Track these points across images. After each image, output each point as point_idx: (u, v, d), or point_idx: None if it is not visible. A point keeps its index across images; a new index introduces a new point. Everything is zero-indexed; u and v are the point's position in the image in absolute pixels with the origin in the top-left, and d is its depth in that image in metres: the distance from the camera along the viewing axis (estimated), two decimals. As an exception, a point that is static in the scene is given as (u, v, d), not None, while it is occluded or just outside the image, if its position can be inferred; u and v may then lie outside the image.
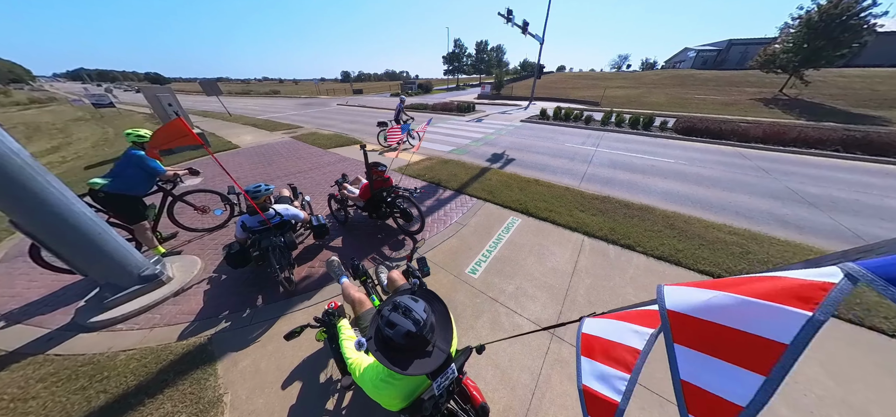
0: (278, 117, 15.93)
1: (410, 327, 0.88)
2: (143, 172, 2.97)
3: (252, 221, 2.59)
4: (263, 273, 2.97)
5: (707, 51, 40.86)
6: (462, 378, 1.24)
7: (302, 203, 3.65)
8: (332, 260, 2.20)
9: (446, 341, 1.00)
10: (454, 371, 1.03)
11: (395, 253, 3.34)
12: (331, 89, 43.98)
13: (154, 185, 3.22)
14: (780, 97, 18.11)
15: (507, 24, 15.14)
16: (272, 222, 2.60)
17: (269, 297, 2.67)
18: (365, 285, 2.00)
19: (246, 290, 2.76)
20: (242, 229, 2.59)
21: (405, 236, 3.63)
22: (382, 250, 3.41)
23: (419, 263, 1.75)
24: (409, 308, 0.91)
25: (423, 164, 6.54)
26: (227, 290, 2.77)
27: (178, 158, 7.33)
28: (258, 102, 29.20)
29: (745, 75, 26.99)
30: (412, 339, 0.88)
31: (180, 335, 2.31)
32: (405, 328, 0.88)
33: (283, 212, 2.71)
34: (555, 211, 4.15)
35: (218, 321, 2.42)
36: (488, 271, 3.00)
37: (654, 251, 3.25)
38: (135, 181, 2.94)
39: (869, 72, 21.83)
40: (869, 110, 15.35)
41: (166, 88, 8.03)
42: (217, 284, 2.86)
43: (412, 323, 0.89)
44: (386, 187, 3.38)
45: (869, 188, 5.61)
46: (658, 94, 22.13)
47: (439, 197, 4.81)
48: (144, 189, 3.07)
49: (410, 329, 0.88)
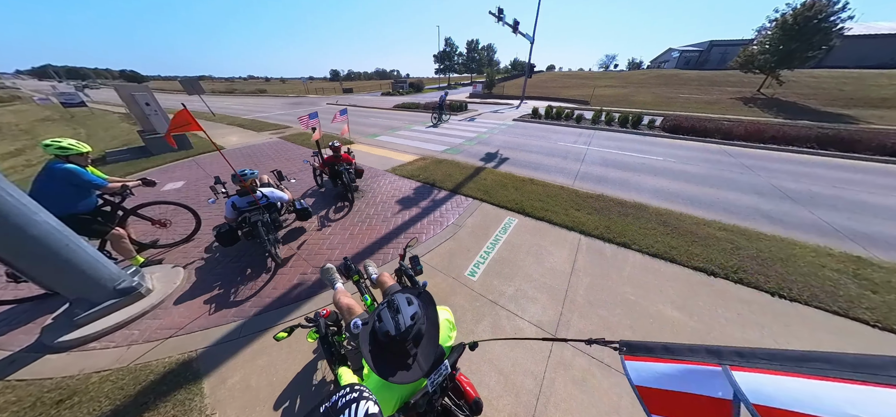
0: (265, 117, 15.43)
1: (390, 329, 0.86)
2: (73, 187, 2.54)
3: (242, 201, 2.96)
4: (252, 281, 2.82)
5: (690, 51, 42.31)
6: (455, 374, 1.24)
7: (287, 187, 3.93)
8: (328, 267, 2.17)
9: (429, 354, 0.94)
10: (447, 368, 1.04)
11: (391, 253, 3.25)
12: (320, 88, 43.04)
13: (95, 200, 2.77)
14: (759, 96, 18.93)
15: (498, 22, 15.18)
16: (260, 203, 2.96)
17: (260, 307, 2.54)
18: (358, 285, 1.98)
19: (234, 299, 2.61)
20: (233, 208, 2.93)
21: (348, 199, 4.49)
22: (376, 249, 3.38)
23: (412, 261, 1.76)
24: (398, 311, 0.89)
25: (417, 164, 6.44)
26: (214, 300, 2.61)
27: (158, 161, 6.94)
28: (244, 102, 28.22)
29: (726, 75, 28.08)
30: (391, 341, 0.86)
31: (162, 352, 2.15)
32: (386, 329, 0.87)
33: (270, 194, 3.11)
34: (551, 210, 4.15)
35: (204, 336, 2.27)
36: (487, 272, 2.95)
37: (649, 249, 3.29)
38: (65, 199, 2.49)
39: (836, 73, 23.10)
40: (837, 109, 16.25)
41: (143, 87, 7.59)
42: (202, 294, 2.69)
43: (393, 327, 0.86)
44: (338, 161, 4.43)
45: (844, 184, 5.89)
46: (645, 93, 22.72)
47: (434, 198, 4.73)
48: (83, 207, 2.62)
49: (389, 332, 0.86)
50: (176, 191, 5.16)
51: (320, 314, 1.51)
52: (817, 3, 16.27)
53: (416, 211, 4.27)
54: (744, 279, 2.81)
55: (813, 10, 16.37)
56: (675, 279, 2.90)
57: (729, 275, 2.87)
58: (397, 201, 4.61)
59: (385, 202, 4.57)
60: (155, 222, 3.41)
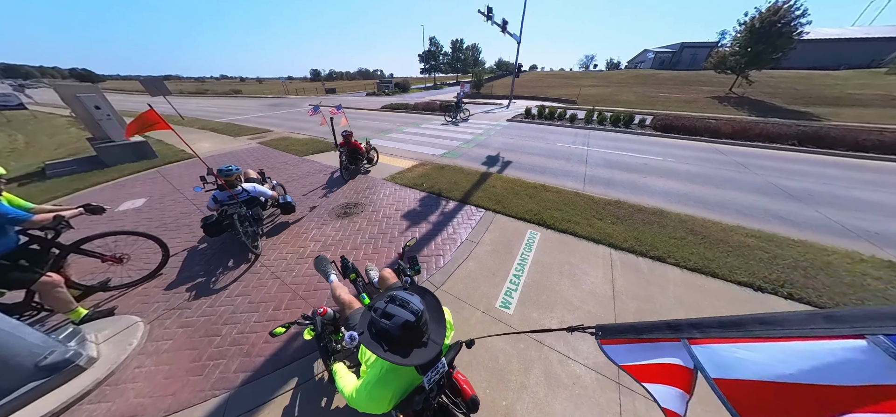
0: (242, 120, 14.21)
1: (409, 317, 0.88)
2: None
3: (223, 195, 3.04)
4: (237, 330, 2.25)
5: (663, 52, 44.56)
6: (452, 372, 1.24)
7: (272, 186, 4.05)
8: (322, 257, 2.17)
9: (440, 334, 0.98)
10: (444, 365, 1.04)
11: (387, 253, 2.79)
12: (300, 88, 40.97)
13: (15, 238, 2.14)
14: (731, 95, 20.04)
15: (487, 21, 15.00)
16: (240, 197, 3.06)
17: (250, 369, 1.99)
18: (355, 283, 1.97)
19: (214, 360, 2.04)
20: (214, 201, 3.06)
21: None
22: (371, 249, 3.29)
23: (410, 261, 1.77)
24: (407, 300, 0.91)
25: (418, 171, 5.96)
26: (185, 364, 2.02)
27: (114, 174, 5.96)
28: (217, 103, 26.18)
29: (698, 75, 29.72)
30: (409, 330, 0.88)
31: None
32: (403, 319, 0.87)
33: (251, 189, 3.18)
34: (572, 221, 3.84)
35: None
36: (522, 302, 2.56)
37: (687, 263, 3.05)
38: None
39: (789, 74, 25.09)
40: (799, 106, 17.49)
41: (90, 87, 6.50)
42: (170, 355, 2.09)
43: (411, 313, 0.89)
44: (354, 147, 5.54)
45: (831, 180, 6.10)
46: (627, 92, 23.46)
47: (443, 211, 4.29)
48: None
49: (408, 320, 0.87)
50: (135, 212, 4.35)
51: (317, 312, 1.50)
52: (781, 8, 17.44)
53: (426, 227, 3.82)
54: (793, 294, 2.62)
55: (777, 14, 17.55)
56: (722, 297, 2.67)
57: (777, 290, 2.68)
58: (403, 215, 4.12)
59: (389, 218, 4.08)
60: (106, 257, 2.66)
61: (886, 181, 6.06)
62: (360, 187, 5.17)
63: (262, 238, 3.39)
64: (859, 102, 17.62)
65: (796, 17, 17.27)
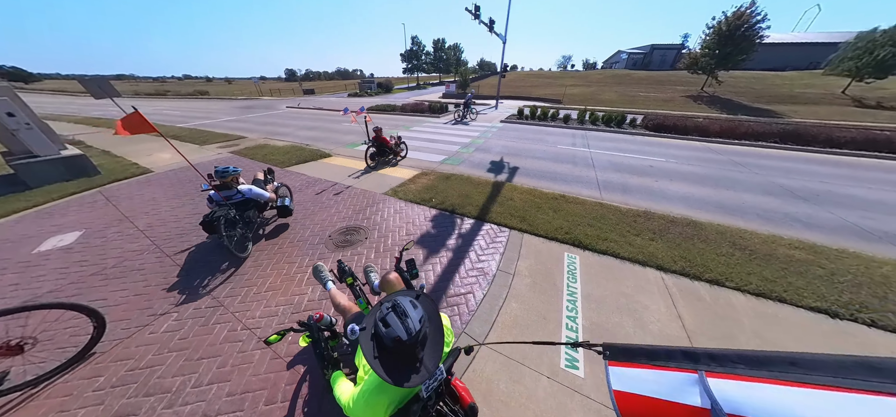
0: (210, 125, 12.64)
1: (401, 334, 0.82)
2: None
3: (217, 196, 3.09)
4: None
5: (636, 53, 46.96)
6: (451, 380, 1.23)
7: (275, 188, 3.85)
8: (319, 265, 2.12)
9: (433, 360, 0.90)
10: (442, 373, 1.02)
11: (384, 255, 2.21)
12: (275, 89, 38.19)
13: None
14: (703, 94, 21.26)
15: (475, 20, 14.65)
16: (234, 199, 3.11)
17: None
18: (352, 288, 1.93)
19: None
20: (209, 201, 3.14)
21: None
22: (369, 252, 3.24)
23: (408, 265, 1.73)
24: (406, 314, 0.85)
25: (422, 182, 5.33)
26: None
27: (39, 198, 4.73)
28: (180, 105, 23.62)
29: (669, 75, 31.46)
30: (400, 346, 0.83)
31: None
32: (396, 334, 0.82)
33: (246, 191, 3.17)
34: (609, 239, 3.44)
35: None
36: (590, 357, 2.07)
37: (748, 286, 2.73)
38: None
39: (747, 75, 27.25)
40: (762, 104, 18.87)
41: (1, 89, 5.17)
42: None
43: (404, 331, 0.82)
44: (382, 141, 6.20)
45: (825, 177, 6.28)
46: (608, 92, 24.17)
47: (461, 231, 3.72)
48: None
49: (400, 337, 0.82)
50: (62, 253, 3.34)
51: (313, 318, 1.48)
52: (744, 13, 18.72)
53: (446, 255, 3.23)
54: (877, 321, 2.36)
55: (741, 18, 18.81)
56: (800, 328, 2.35)
57: (855, 316, 2.41)
58: (416, 242, 3.49)
59: (399, 245, 3.44)
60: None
61: (871, 177, 6.35)
62: (358, 204, 4.45)
63: (250, 244, 3.26)
64: (809, 99, 19.34)
65: (758, 21, 18.59)
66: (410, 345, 0.83)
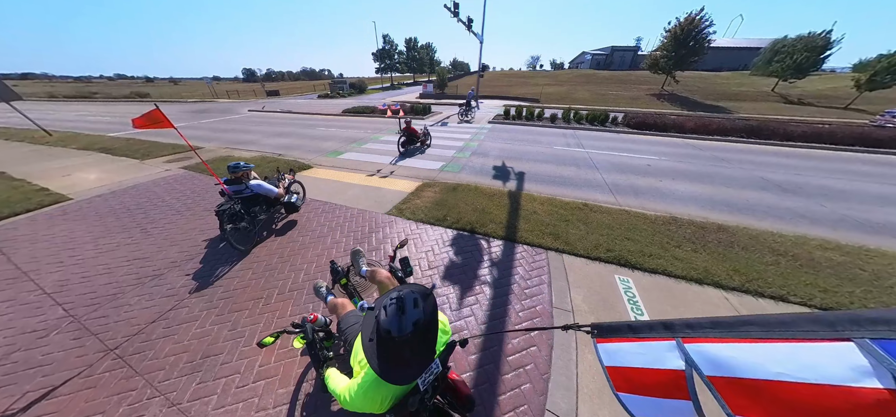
0: (153, 134, 10.60)
1: (394, 331, 0.80)
2: None
3: (229, 189, 3.23)
4: None
5: (599, 54, 50.12)
6: (447, 373, 1.23)
7: (286, 186, 3.77)
8: (319, 283, 2.04)
9: (426, 358, 0.89)
10: (438, 366, 0.99)
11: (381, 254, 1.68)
12: (232, 91, 34.26)
13: None
14: (664, 92, 23.05)
15: (453, 18, 14.25)
16: (243, 194, 3.25)
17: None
18: (346, 288, 1.95)
19: None
20: (221, 195, 3.27)
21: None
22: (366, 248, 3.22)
23: (402, 263, 1.72)
24: (405, 309, 0.82)
25: (427, 195, 4.69)
26: None
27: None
28: (111, 110, 20.07)
29: (629, 75, 33.85)
30: (390, 340, 0.81)
31: None
32: (387, 328, 0.80)
33: (255, 186, 3.31)
34: (653, 254, 3.14)
35: None
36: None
37: (812, 301, 2.56)
38: None
39: (693, 75, 30.25)
40: (712, 101, 20.92)
41: None
42: None
43: (398, 330, 0.80)
44: (412, 131, 7.55)
45: (799, 170, 6.78)
46: (581, 90, 25.25)
47: (492, 257, 3.17)
48: None
49: (390, 331, 0.80)
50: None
51: (307, 319, 1.48)
52: (695, 19, 20.63)
53: (482, 291, 2.66)
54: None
55: (692, 23, 20.70)
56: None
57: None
58: (442, 278, 2.88)
59: (416, 278, 2.80)
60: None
61: (834, 168, 6.98)
62: (359, 231, 3.70)
63: (253, 238, 3.32)
64: (747, 97, 21.86)
65: (707, 26, 20.59)
66: (395, 345, 0.81)
